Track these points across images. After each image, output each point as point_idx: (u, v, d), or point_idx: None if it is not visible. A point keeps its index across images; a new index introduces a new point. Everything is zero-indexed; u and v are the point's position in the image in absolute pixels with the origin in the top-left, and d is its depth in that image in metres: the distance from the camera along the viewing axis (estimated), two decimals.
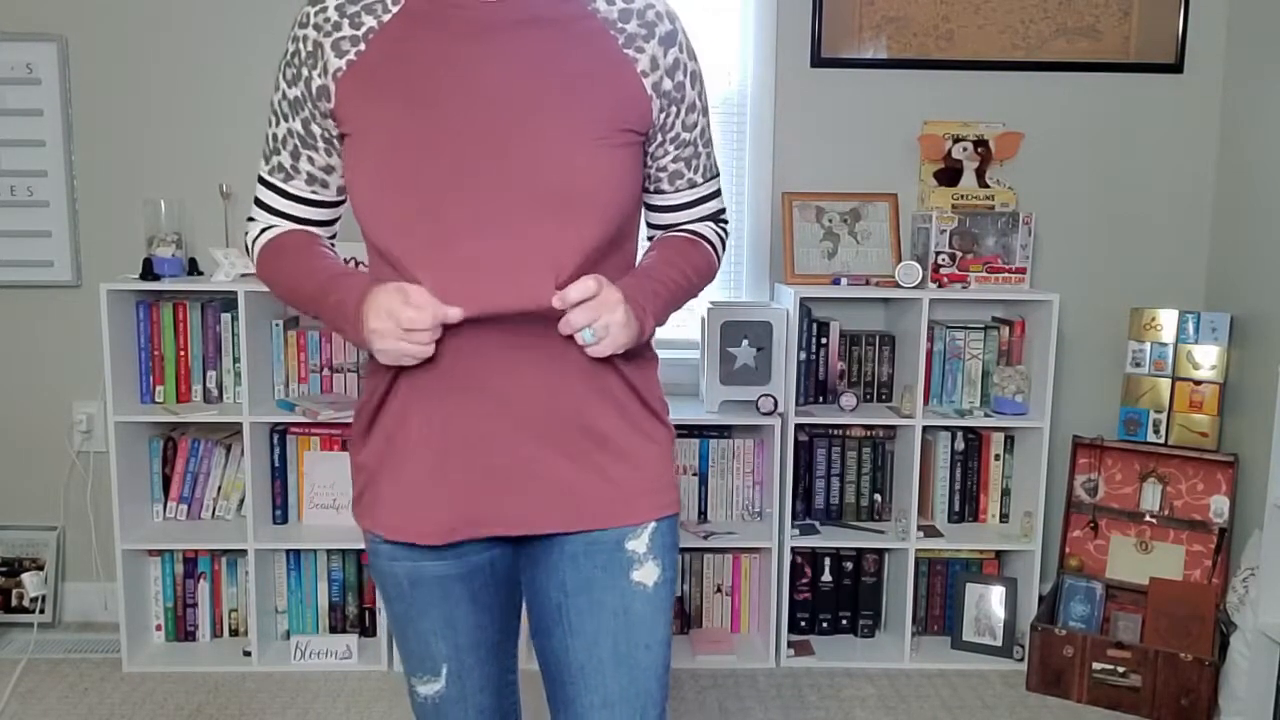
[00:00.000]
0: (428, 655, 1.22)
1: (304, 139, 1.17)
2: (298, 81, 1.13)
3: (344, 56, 1.10)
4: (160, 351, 2.67)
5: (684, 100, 1.17)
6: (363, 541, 2.59)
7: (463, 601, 1.20)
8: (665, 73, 1.14)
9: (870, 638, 2.81)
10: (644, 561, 1.16)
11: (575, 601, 1.16)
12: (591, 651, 1.16)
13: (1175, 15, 2.79)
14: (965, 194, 2.79)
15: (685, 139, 1.20)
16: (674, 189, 1.23)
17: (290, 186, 1.20)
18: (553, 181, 1.06)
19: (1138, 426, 2.72)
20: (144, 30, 2.74)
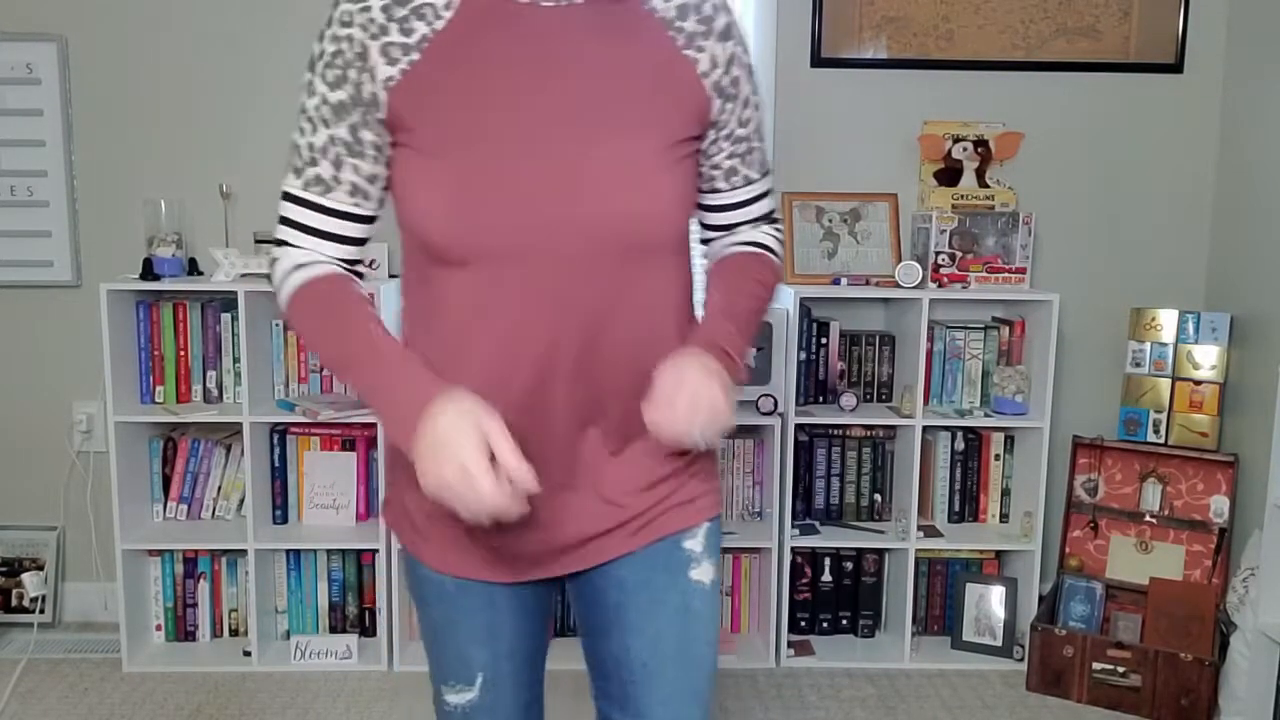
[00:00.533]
0: (463, 663, 1.17)
1: (350, 146, 1.06)
2: (342, 84, 1.03)
3: (396, 65, 1.02)
4: (160, 351, 2.67)
5: (739, 95, 1.13)
6: (363, 541, 2.60)
7: (507, 609, 1.16)
8: (724, 69, 1.10)
9: (870, 638, 2.81)
10: (700, 560, 1.16)
11: (635, 600, 1.14)
12: (655, 649, 1.14)
13: (1175, 15, 2.79)
14: (965, 194, 2.79)
15: (740, 134, 1.16)
16: (730, 186, 1.19)
17: (330, 200, 1.08)
18: (620, 208, 1.02)
19: (1138, 426, 2.72)
20: (144, 30, 2.74)
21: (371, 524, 2.70)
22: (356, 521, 2.70)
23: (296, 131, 1.09)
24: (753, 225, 1.24)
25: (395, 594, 2.62)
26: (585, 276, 1.03)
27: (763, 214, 1.24)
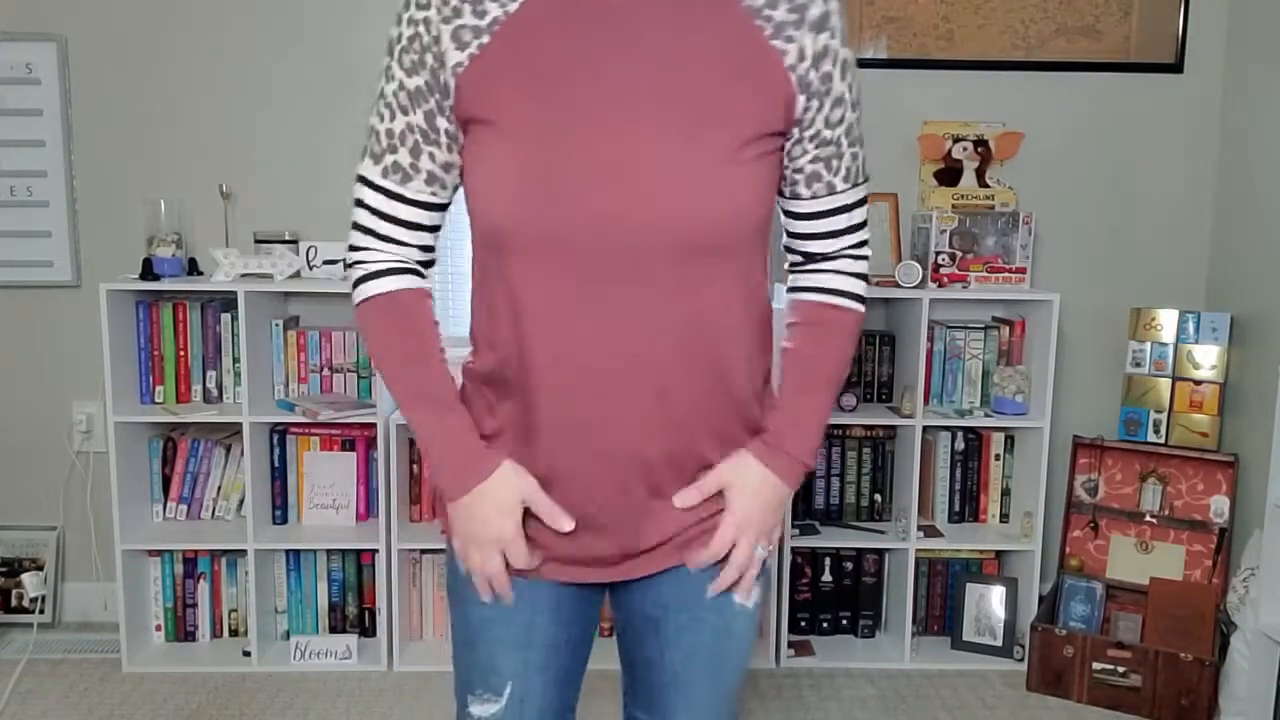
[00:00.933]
0: (493, 670, 1.13)
1: (426, 134, 1.04)
2: (420, 69, 1.01)
3: (465, 49, 0.99)
4: (160, 351, 2.67)
5: (830, 93, 1.04)
6: (363, 541, 2.60)
7: (545, 610, 1.13)
8: (812, 63, 1.02)
9: (870, 638, 2.81)
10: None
11: (676, 617, 1.13)
12: (688, 664, 1.14)
13: (1175, 15, 2.79)
14: (965, 194, 2.79)
15: (827, 137, 1.07)
16: (810, 194, 1.10)
17: (408, 190, 1.06)
18: (688, 210, 0.97)
19: (1138, 426, 2.72)
20: (144, 30, 2.74)
21: (371, 524, 2.70)
22: (356, 521, 2.70)
23: (375, 117, 1.06)
24: (836, 251, 1.15)
25: (395, 594, 2.62)
26: (638, 277, 0.99)
27: (847, 227, 1.13)
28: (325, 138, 2.78)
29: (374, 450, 2.69)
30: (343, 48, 2.75)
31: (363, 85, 2.76)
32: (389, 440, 2.56)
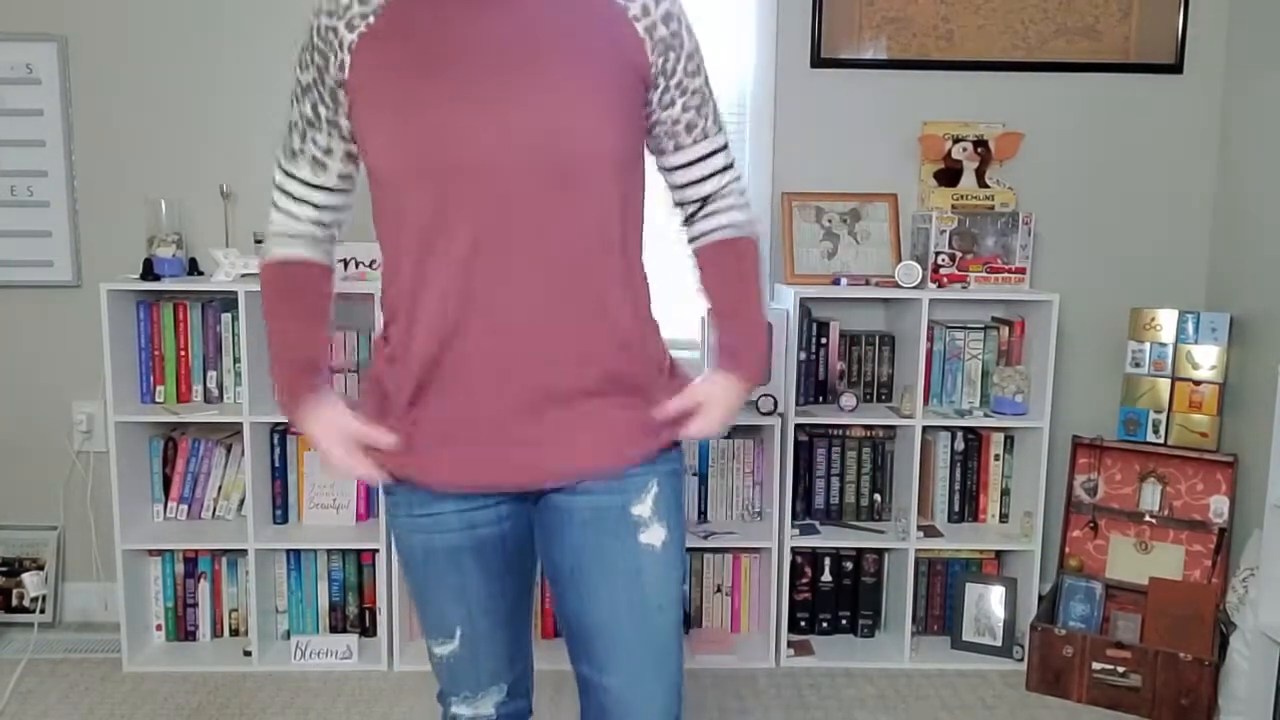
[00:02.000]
0: (442, 619, 1.30)
1: (310, 121, 1.24)
2: (309, 67, 1.21)
3: (355, 30, 1.18)
4: (160, 351, 2.67)
5: (683, 47, 1.22)
6: (363, 541, 2.60)
7: (474, 573, 1.27)
8: (660, 20, 1.19)
9: (870, 638, 2.81)
10: (649, 524, 1.24)
11: (587, 566, 1.23)
12: (611, 611, 1.24)
13: (1175, 15, 2.79)
14: (965, 194, 2.79)
15: (691, 86, 1.24)
16: (691, 140, 1.28)
17: (295, 168, 1.27)
18: (558, 137, 1.12)
19: (1137, 426, 2.72)
20: (144, 30, 2.74)
21: (372, 524, 2.70)
22: (356, 521, 2.70)
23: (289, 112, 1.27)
24: (721, 189, 1.32)
25: (395, 594, 2.62)
26: (517, 194, 1.13)
27: (724, 165, 1.32)
28: None
29: None
30: None
31: None
32: None
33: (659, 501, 1.25)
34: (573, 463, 1.21)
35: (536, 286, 1.15)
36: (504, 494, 1.26)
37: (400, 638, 2.64)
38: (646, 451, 1.24)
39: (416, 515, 1.26)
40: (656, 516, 1.24)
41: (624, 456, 1.23)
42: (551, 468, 1.21)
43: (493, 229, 1.13)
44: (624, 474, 1.23)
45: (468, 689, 1.35)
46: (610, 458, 1.22)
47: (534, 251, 1.14)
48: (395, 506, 1.29)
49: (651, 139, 1.28)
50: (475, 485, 1.22)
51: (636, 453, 1.24)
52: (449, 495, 1.24)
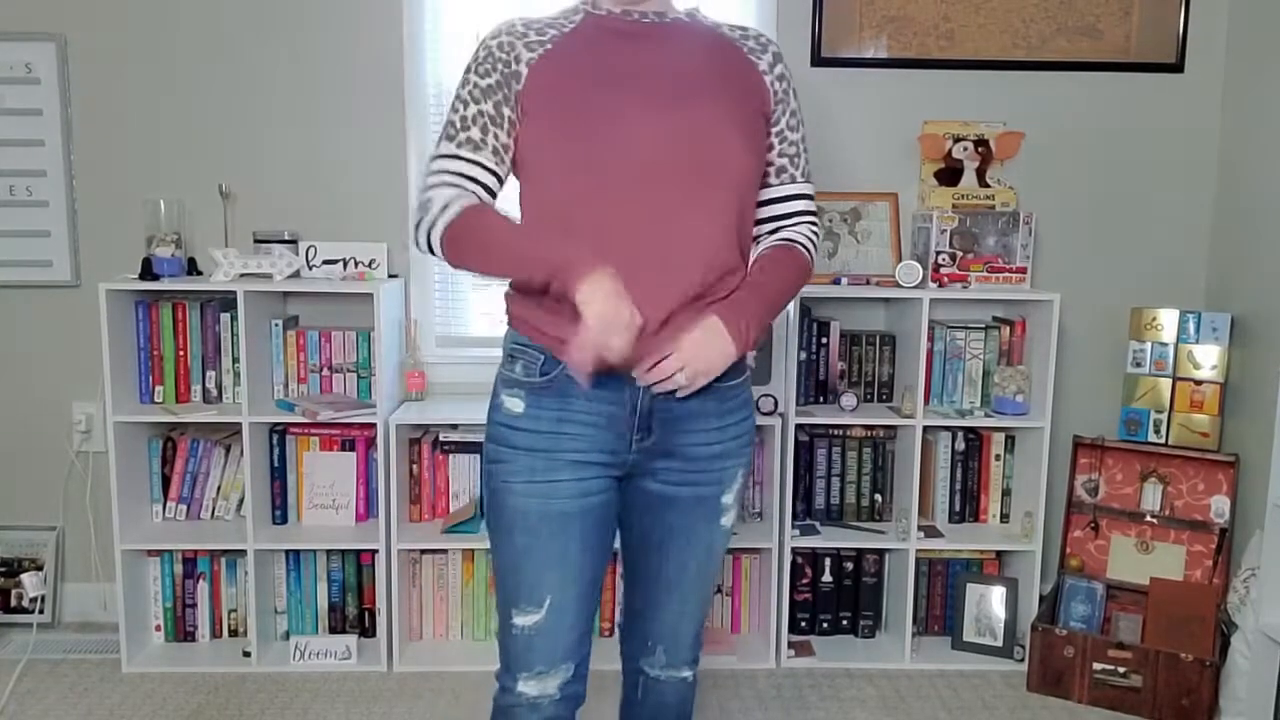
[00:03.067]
0: (538, 586, 1.41)
1: (493, 118, 1.40)
2: (492, 73, 1.40)
3: (534, 51, 1.40)
4: (159, 351, 2.67)
5: (789, 104, 1.49)
6: (363, 542, 2.60)
7: (576, 539, 1.41)
8: (778, 77, 1.47)
9: (870, 638, 2.80)
10: (730, 509, 1.51)
11: (678, 540, 1.48)
12: (680, 572, 1.50)
13: (1176, 15, 2.79)
14: (965, 194, 2.79)
15: (790, 138, 1.49)
16: (779, 182, 1.51)
17: (480, 156, 1.41)
18: (709, 151, 1.36)
19: (1138, 426, 2.72)
20: (144, 30, 2.74)
21: (371, 524, 2.69)
22: (356, 522, 2.70)
23: (452, 111, 1.42)
24: (795, 220, 1.52)
25: (395, 594, 2.61)
26: (667, 193, 1.35)
27: (804, 209, 1.53)
28: (325, 138, 2.78)
29: (374, 450, 2.69)
30: (343, 48, 2.75)
31: (362, 85, 2.76)
32: (389, 440, 2.56)
33: (740, 490, 1.51)
34: None
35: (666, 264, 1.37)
36: (613, 464, 1.43)
37: (400, 638, 2.64)
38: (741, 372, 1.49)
39: (537, 481, 1.39)
40: (735, 502, 1.51)
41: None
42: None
43: (639, 219, 1.35)
44: (725, 457, 1.46)
45: (542, 664, 1.44)
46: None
47: (675, 239, 1.36)
48: (514, 474, 1.40)
49: None
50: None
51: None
52: (568, 464, 1.39)
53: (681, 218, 1.35)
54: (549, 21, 1.44)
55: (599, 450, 1.41)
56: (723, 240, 1.39)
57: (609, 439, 1.41)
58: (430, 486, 2.72)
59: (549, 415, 1.40)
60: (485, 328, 2.90)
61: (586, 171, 1.34)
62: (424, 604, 2.75)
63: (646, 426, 1.42)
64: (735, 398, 1.48)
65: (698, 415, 1.44)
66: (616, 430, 1.41)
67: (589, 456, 1.40)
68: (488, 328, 2.91)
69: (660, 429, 1.42)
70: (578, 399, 1.39)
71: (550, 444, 1.40)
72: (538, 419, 1.40)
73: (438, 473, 2.72)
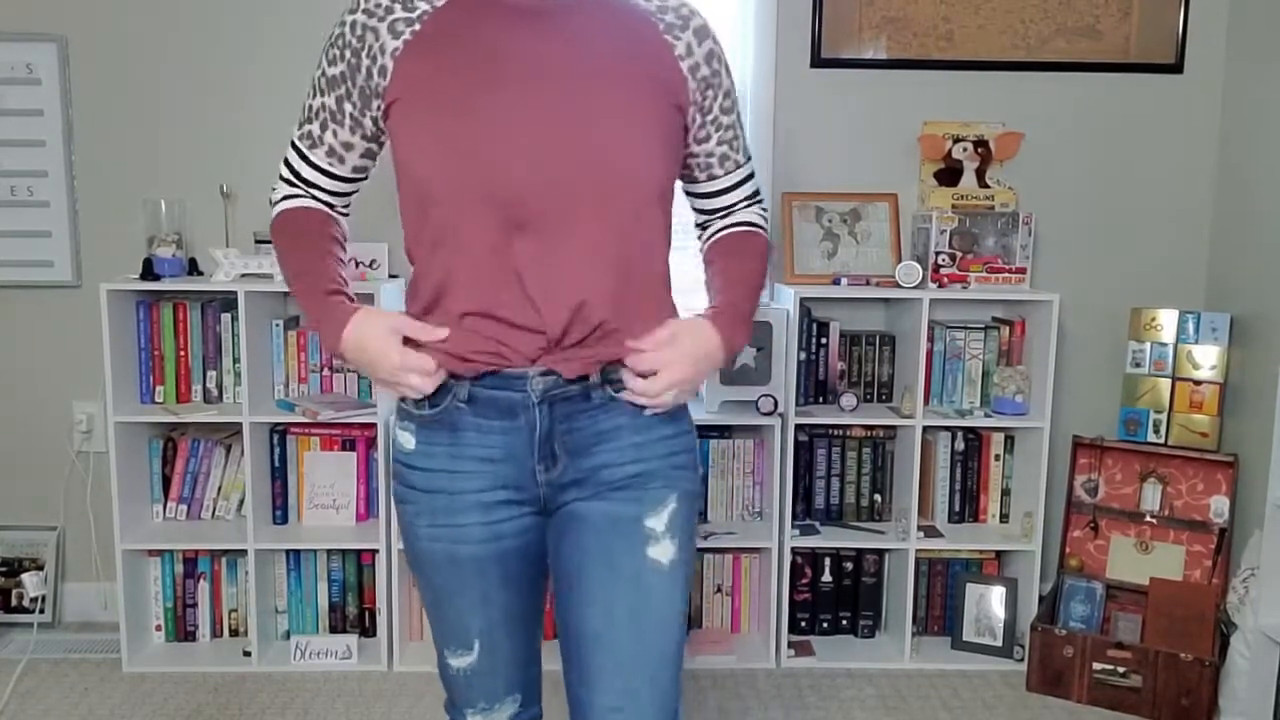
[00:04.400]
0: (462, 629, 1.28)
1: (333, 114, 1.25)
2: (339, 61, 1.21)
3: (400, 37, 1.18)
4: (160, 351, 2.67)
5: (720, 86, 1.28)
6: (363, 541, 2.60)
7: (496, 581, 1.26)
8: (702, 60, 1.25)
9: (870, 638, 2.80)
10: (660, 539, 1.23)
11: (593, 568, 1.22)
12: (606, 618, 1.21)
13: (1175, 15, 2.79)
14: (965, 194, 2.79)
15: (725, 122, 1.31)
16: (724, 171, 1.34)
17: (313, 155, 1.29)
18: (605, 152, 1.15)
19: (1138, 426, 2.72)
20: (144, 30, 2.74)
21: (371, 524, 2.70)
22: (356, 521, 2.70)
23: (306, 94, 1.29)
24: (745, 205, 1.38)
25: (395, 594, 2.62)
26: (545, 226, 1.15)
27: (751, 193, 1.39)
28: None
29: (374, 450, 2.69)
30: None
31: None
32: (389, 440, 2.56)
33: (674, 518, 1.24)
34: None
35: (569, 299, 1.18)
36: (525, 500, 1.24)
37: (400, 638, 2.64)
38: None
39: (440, 525, 1.23)
40: (669, 534, 1.23)
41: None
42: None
43: (530, 246, 1.16)
44: (647, 478, 1.23)
45: (484, 700, 1.32)
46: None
47: (571, 269, 1.17)
48: (416, 515, 1.25)
49: (684, 170, 1.33)
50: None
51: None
52: (473, 506, 1.22)
53: (573, 239, 1.16)
54: None
55: (502, 487, 1.22)
56: (619, 259, 1.19)
57: (509, 473, 1.22)
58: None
59: (440, 451, 1.22)
60: None
61: (463, 187, 1.14)
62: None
63: (549, 454, 1.22)
64: (656, 412, 1.24)
65: (608, 433, 1.22)
66: (516, 462, 1.21)
67: (494, 495, 1.22)
68: None
69: (566, 455, 1.22)
70: (468, 432, 1.21)
71: (447, 483, 1.22)
72: (429, 455, 1.23)
73: None
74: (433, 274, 1.20)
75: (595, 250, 1.17)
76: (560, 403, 1.21)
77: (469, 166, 1.13)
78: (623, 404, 1.23)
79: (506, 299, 1.17)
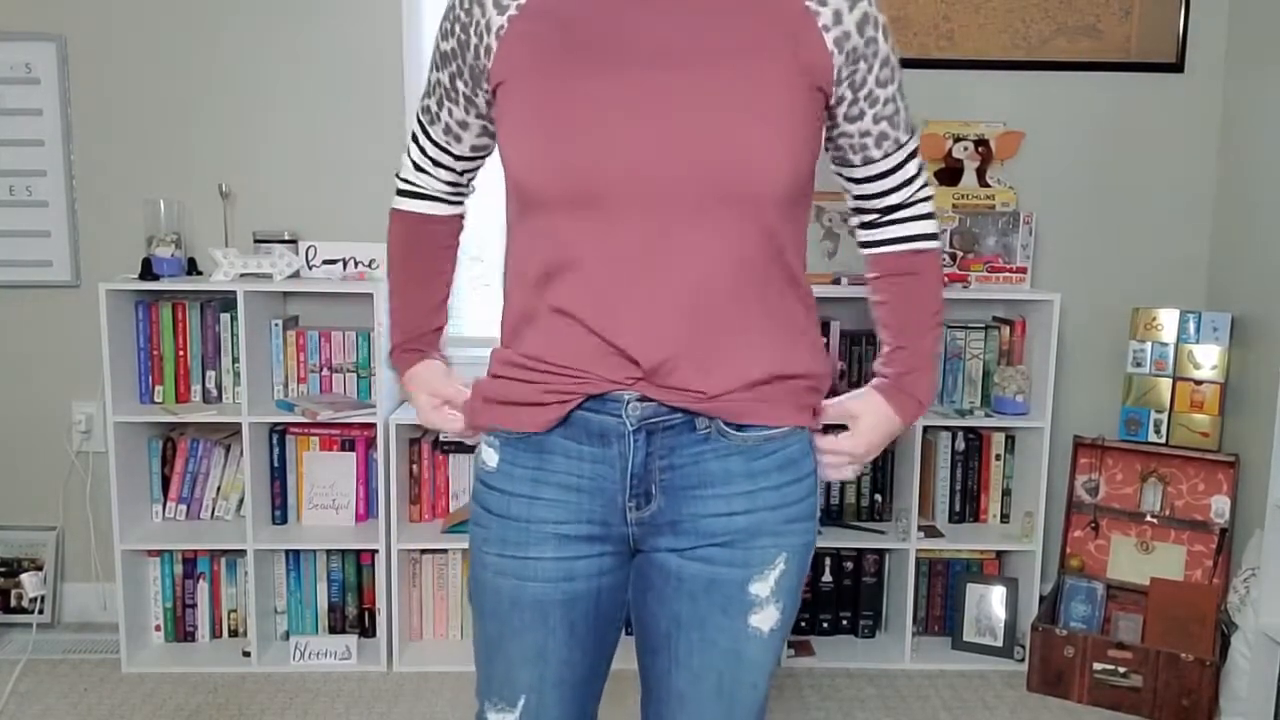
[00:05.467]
0: (509, 682, 1.15)
1: (448, 91, 1.17)
2: (450, 36, 1.12)
3: (505, 12, 1.07)
4: (159, 351, 2.67)
5: (877, 55, 1.08)
6: (362, 542, 2.60)
7: (559, 631, 1.13)
8: (854, 28, 1.06)
9: (871, 638, 2.80)
10: (765, 606, 1.11)
11: (686, 636, 1.11)
12: (695, 685, 1.12)
13: (1176, 15, 2.79)
14: (966, 194, 2.79)
15: (883, 96, 1.11)
16: (882, 153, 1.16)
17: (432, 130, 1.23)
18: (736, 141, 1.00)
19: (1139, 426, 2.72)
20: (144, 30, 2.74)
21: (371, 524, 2.69)
22: (356, 522, 2.69)
23: (428, 68, 1.21)
24: (910, 198, 1.20)
25: (395, 594, 2.61)
26: (660, 227, 1.02)
27: (916, 172, 1.19)
28: (325, 137, 2.77)
29: (374, 450, 2.69)
30: (343, 47, 2.75)
31: (362, 85, 2.76)
32: (389, 440, 2.56)
33: (782, 580, 1.11)
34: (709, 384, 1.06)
35: (669, 320, 1.03)
36: (609, 538, 1.12)
37: (400, 638, 2.64)
38: (794, 417, 1.10)
39: (509, 555, 1.11)
40: (774, 598, 1.11)
41: (775, 415, 1.09)
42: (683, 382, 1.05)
43: (633, 254, 1.02)
44: (756, 534, 1.09)
45: None
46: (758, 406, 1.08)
47: (674, 282, 1.02)
48: (485, 542, 1.13)
49: (835, 150, 1.17)
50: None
51: (787, 413, 1.10)
52: (549, 538, 1.10)
53: (682, 244, 1.02)
54: None
55: (586, 521, 1.10)
56: (736, 270, 1.04)
57: (596, 508, 1.09)
58: (430, 486, 2.72)
59: (523, 474, 1.10)
60: (484, 327, 2.90)
61: (563, 185, 1.01)
62: (424, 604, 2.75)
63: (644, 492, 1.08)
64: (772, 454, 1.09)
65: (716, 478, 1.08)
66: (606, 497, 1.09)
67: (574, 529, 1.10)
68: (486, 327, 2.91)
69: (664, 496, 1.09)
70: (557, 456, 1.09)
71: (524, 510, 1.10)
72: (510, 477, 1.11)
73: (438, 473, 2.71)
74: (523, 287, 1.09)
75: (704, 263, 1.02)
76: (660, 433, 1.07)
77: (562, 163, 1.01)
78: (734, 442, 1.08)
79: (595, 315, 1.04)
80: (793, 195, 1.05)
